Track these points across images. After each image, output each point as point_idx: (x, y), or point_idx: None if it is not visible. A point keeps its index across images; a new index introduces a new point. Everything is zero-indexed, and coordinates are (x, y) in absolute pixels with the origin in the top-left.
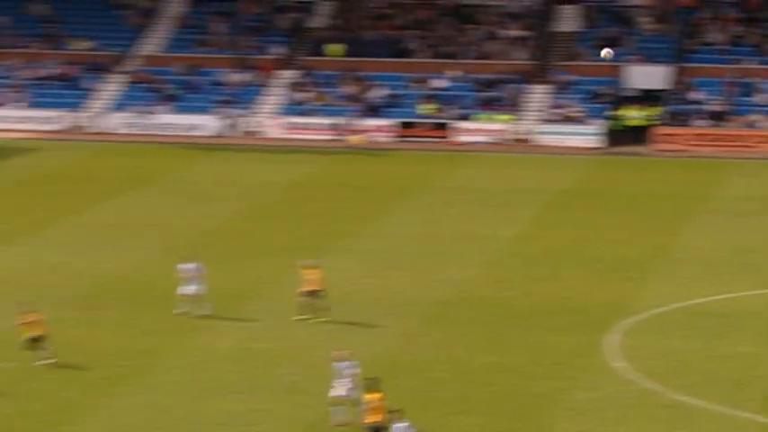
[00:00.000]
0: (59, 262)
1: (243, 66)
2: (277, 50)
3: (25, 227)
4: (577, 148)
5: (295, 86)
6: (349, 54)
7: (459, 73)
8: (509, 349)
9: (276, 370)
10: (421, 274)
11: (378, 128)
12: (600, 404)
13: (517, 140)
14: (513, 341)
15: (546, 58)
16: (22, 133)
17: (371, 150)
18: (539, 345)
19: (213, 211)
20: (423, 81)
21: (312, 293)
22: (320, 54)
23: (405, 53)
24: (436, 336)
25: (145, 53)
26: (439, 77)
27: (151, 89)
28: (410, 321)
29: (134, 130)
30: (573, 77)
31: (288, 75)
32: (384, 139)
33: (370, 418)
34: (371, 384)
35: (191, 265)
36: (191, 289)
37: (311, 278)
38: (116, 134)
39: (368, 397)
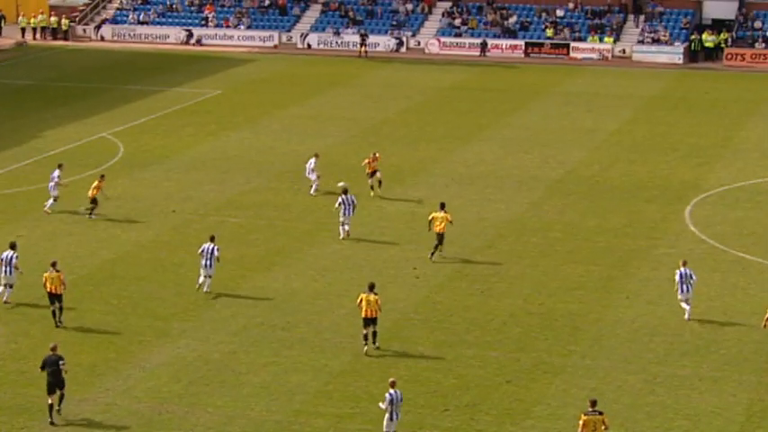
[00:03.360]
0: (272, 145)
1: None
2: None
3: (246, 118)
4: (665, 64)
5: (450, 14)
6: None
7: (574, 5)
8: (609, 215)
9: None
10: (544, 157)
11: (512, 47)
12: (677, 258)
13: (618, 57)
14: (613, 209)
15: None
16: (245, 48)
17: (506, 64)
18: (632, 212)
19: (386, 107)
20: (547, 11)
21: None
22: None
23: None
24: (555, 204)
25: None
26: (560, 8)
27: (341, 15)
28: (536, 193)
29: (326, 47)
30: (662, 9)
31: (444, 5)
32: (517, 56)
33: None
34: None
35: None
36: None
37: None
38: (314, 49)
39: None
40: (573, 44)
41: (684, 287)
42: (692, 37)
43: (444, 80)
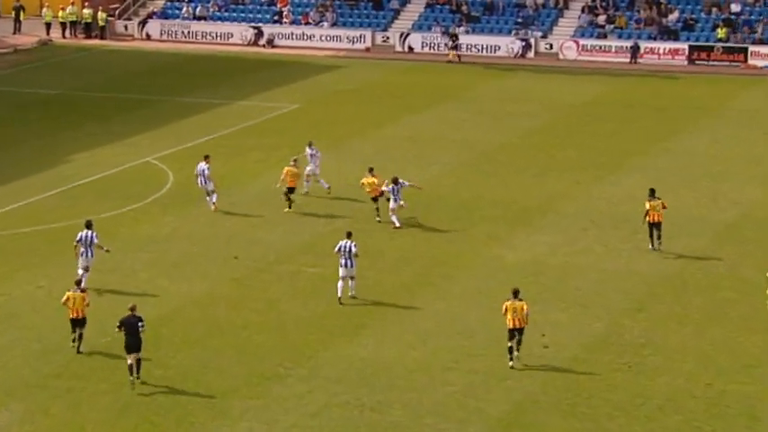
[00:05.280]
0: (362, 174)
1: None
2: None
3: (329, 139)
4: None
5: (591, 9)
6: None
7: None
8: None
9: (567, 283)
10: (712, 194)
11: (672, 51)
12: None
13: None
14: None
15: None
16: (329, 51)
17: (664, 73)
18: None
19: (507, 128)
20: (718, 5)
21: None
22: None
23: None
24: (726, 255)
25: None
26: (735, 2)
27: (452, 10)
28: (701, 240)
29: (432, 51)
30: None
31: None
32: (678, 63)
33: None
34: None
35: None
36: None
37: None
38: (417, 53)
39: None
40: (752, 48)
41: None
42: None
43: (583, 94)
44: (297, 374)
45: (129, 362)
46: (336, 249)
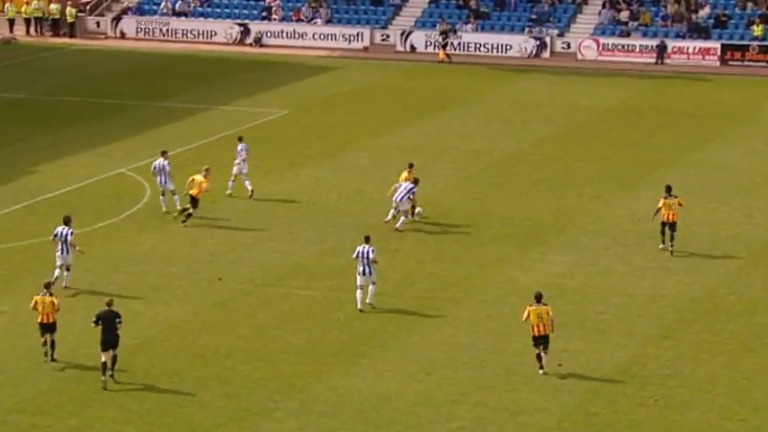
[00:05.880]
0: (359, 188)
1: None
2: None
3: (323, 149)
4: None
5: (613, 5)
6: None
7: None
8: None
9: (586, 307)
10: (747, 210)
11: (702, 51)
12: None
13: None
14: None
15: None
16: (323, 51)
17: (694, 75)
18: None
19: (520, 136)
20: (755, 0)
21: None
22: None
23: None
24: (762, 277)
25: None
26: None
27: (458, 5)
28: (734, 261)
29: (437, 51)
30: None
31: None
32: (709, 64)
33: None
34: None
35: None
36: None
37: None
38: (420, 53)
39: None
40: None
41: None
42: None
43: (604, 98)
44: (287, 408)
45: (102, 359)
46: (355, 255)
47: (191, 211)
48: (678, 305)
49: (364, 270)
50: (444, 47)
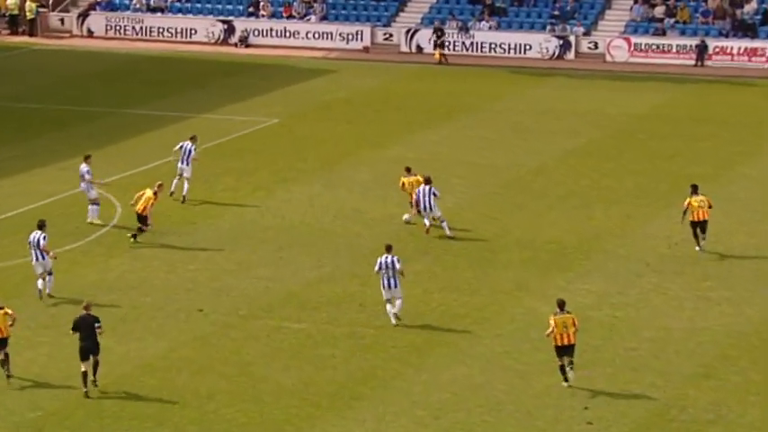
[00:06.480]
0: (358, 207)
1: None
2: None
3: (318, 162)
4: None
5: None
6: None
7: None
8: None
9: (616, 343)
10: None
11: (748, 51)
12: None
13: None
14: None
15: None
16: (317, 52)
17: (739, 78)
18: None
19: (541, 148)
20: None
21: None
22: None
23: None
24: None
25: None
26: None
27: (471, 0)
28: None
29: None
30: None
31: None
32: (756, 66)
33: None
34: None
35: None
36: None
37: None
38: (427, 54)
39: None
40: None
41: None
42: None
43: (636, 105)
44: None
45: (82, 369)
46: (377, 268)
47: (143, 228)
48: (720, 340)
49: (389, 282)
50: (441, 46)
